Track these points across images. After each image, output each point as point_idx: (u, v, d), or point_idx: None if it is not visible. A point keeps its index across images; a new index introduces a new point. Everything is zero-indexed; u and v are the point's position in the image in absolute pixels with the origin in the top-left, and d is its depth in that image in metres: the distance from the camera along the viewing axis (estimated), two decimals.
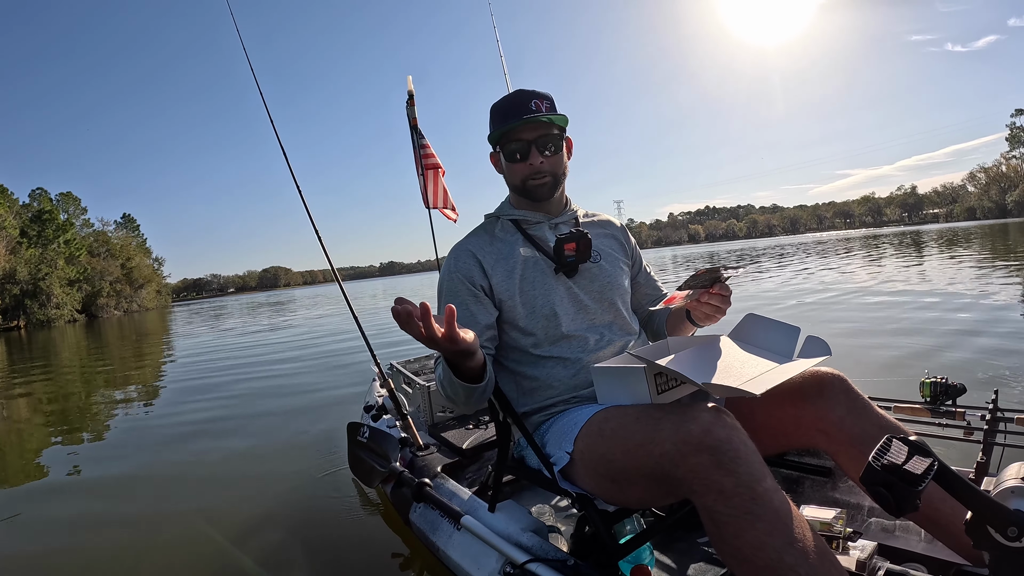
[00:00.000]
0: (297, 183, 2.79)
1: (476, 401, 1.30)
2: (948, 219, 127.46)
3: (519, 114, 1.44)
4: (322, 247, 2.81)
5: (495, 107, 1.51)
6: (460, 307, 1.44)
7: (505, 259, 1.50)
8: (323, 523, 2.52)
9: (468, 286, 1.47)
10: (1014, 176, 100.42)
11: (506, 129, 1.45)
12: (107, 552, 2.52)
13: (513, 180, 1.53)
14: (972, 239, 25.37)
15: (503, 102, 1.49)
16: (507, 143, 1.47)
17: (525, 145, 1.46)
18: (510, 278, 1.48)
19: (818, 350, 1.31)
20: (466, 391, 1.24)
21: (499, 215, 1.60)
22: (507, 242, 1.53)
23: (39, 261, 51.16)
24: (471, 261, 1.50)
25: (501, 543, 1.49)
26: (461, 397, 1.27)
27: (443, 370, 1.25)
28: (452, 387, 1.26)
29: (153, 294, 73.42)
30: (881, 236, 48.14)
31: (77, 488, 3.48)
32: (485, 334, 1.45)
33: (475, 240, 1.56)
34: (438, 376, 1.31)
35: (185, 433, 4.58)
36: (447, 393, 1.31)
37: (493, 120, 1.51)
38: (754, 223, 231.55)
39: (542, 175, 1.49)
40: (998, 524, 0.77)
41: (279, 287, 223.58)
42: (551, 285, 1.48)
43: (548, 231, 1.55)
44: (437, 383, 1.34)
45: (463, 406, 1.33)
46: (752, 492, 0.98)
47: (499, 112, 1.49)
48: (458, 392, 1.26)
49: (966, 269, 10.99)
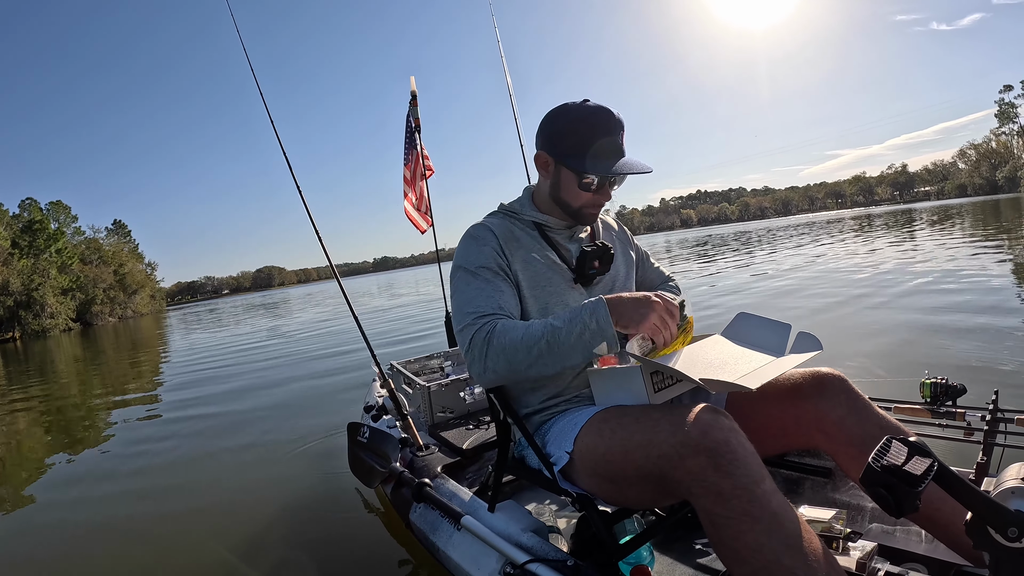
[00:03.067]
0: (296, 182, 2.79)
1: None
2: (939, 196, 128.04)
3: (617, 156, 1.39)
4: (322, 246, 2.80)
5: (584, 129, 1.38)
6: (495, 279, 1.39)
7: (525, 251, 1.46)
8: (323, 523, 2.52)
9: (498, 260, 1.42)
10: (1004, 152, 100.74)
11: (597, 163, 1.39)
12: (107, 554, 2.53)
13: (571, 201, 1.46)
14: (965, 216, 25.47)
15: (597, 128, 1.38)
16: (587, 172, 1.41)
17: (605, 179, 1.42)
18: (527, 270, 1.44)
19: (809, 345, 1.32)
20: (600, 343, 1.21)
21: (520, 213, 1.54)
22: (527, 239, 1.49)
23: (32, 271, 50.79)
24: (495, 240, 1.45)
25: (501, 543, 1.48)
26: (577, 353, 1.23)
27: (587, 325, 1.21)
28: (585, 340, 1.21)
29: (147, 299, 73.04)
30: (874, 215, 48.30)
31: (77, 495, 3.46)
32: (518, 311, 1.41)
33: (496, 223, 1.51)
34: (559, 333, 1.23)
35: (184, 435, 4.60)
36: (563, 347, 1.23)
37: (580, 142, 1.38)
38: (746, 206, 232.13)
39: (600, 207, 1.48)
40: (998, 524, 0.77)
41: (274, 287, 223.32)
42: (567, 291, 1.46)
43: (568, 239, 1.53)
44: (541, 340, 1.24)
45: (549, 367, 1.26)
46: (750, 494, 0.98)
47: (591, 139, 1.38)
48: (592, 344, 1.21)
49: (962, 252, 11.00)
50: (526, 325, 1.27)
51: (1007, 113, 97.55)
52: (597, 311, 1.21)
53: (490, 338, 1.27)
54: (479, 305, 1.34)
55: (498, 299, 1.36)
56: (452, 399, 2.67)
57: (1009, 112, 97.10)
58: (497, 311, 1.33)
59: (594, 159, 1.37)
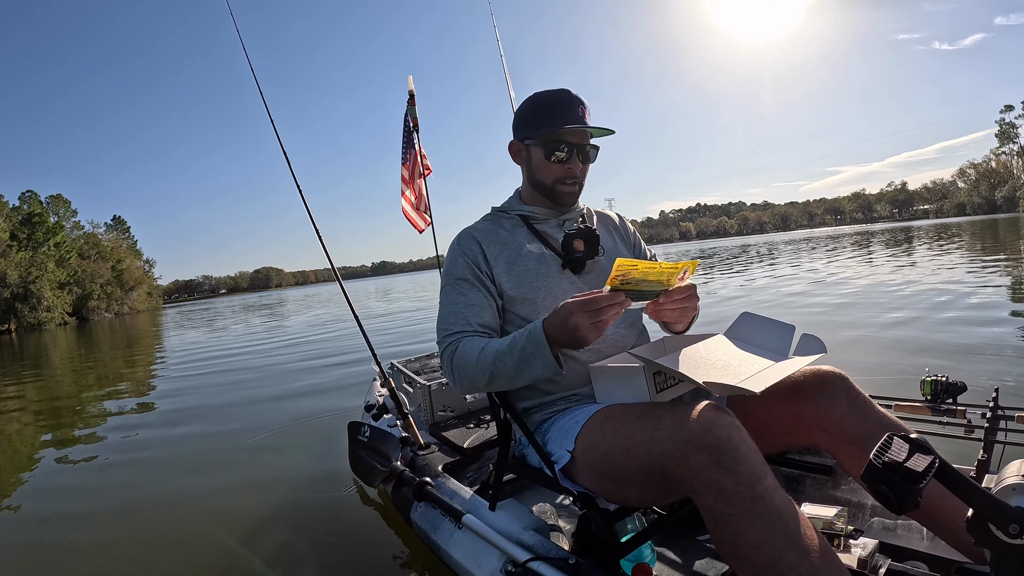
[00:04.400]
0: (297, 182, 2.80)
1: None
2: (938, 215, 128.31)
3: (570, 119, 1.43)
4: (323, 247, 2.81)
5: (540, 101, 1.47)
6: (470, 292, 1.44)
7: (510, 251, 1.49)
8: (324, 523, 2.51)
9: (475, 271, 1.46)
10: (1003, 172, 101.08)
11: (553, 129, 1.43)
12: (107, 552, 2.51)
13: (544, 178, 1.50)
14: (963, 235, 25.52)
15: (551, 99, 1.46)
16: (549, 141, 1.46)
17: (570, 149, 1.45)
18: (511, 270, 1.47)
19: (814, 348, 1.32)
20: (550, 370, 1.22)
21: (508, 209, 1.58)
22: (514, 235, 1.52)
23: (29, 264, 50.67)
24: (476, 247, 1.49)
25: (502, 542, 1.49)
26: (524, 376, 1.24)
27: (527, 349, 1.21)
28: (529, 366, 1.22)
29: (144, 296, 72.90)
30: (873, 232, 48.35)
31: (75, 491, 3.46)
32: (493, 320, 1.44)
33: (481, 228, 1.55)
34: (505, 357, 1.25)
35: (182, 435, 4.56)
36: (509, 368, 1.25)
37: (536, 114, 1.47)
38: (745, 220, 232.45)
39: (574, 181, 1.49)
40: (999, 521, 0.77)
41: (271, 288, 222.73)
42: (556, 280, 1.48)
43: (556, 227, 1.55)
44: (489, 364, 1.28)
45: (496, 385, 1.31)
46: (753, 491, 0.98)
47: (545, 108, 1.45)
48: (534, 371, 1.23)
49: (960, 267, 11.04)
50: (481, 347, 1.31)
51: (1007, 133, 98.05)
52: (535, 334, 1.21)
53: (452, 359, 1.35)
54: (449, 323, 1.41)
55: (467, 314, 1.41)
56: (453, 398, 2.68)
57: (1009, 132, 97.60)
58: (463, 328, 1.39)
59: (551, 123, 1.44)
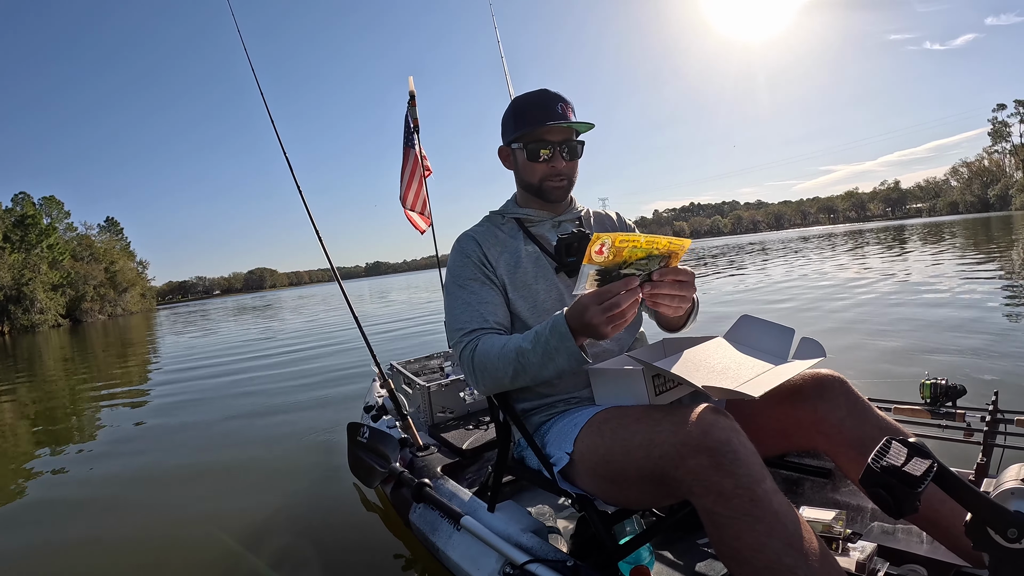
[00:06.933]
0: (297, 182, 2.80)
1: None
2: (931, 213, 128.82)
3: (548, 117, 1.44)
4: (323, 247, 2.82)
5: (519, 104, 1.49)
6: (482, 290, 1.44)
7: (509, 253, 1.50)
8: (322, 524, 2.51)
9: (483, 270, 1.47)
10: (996, 171, 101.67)
11: (534, 129, 1.45)
12: (108, 554, 2.50)
13: (530, 179, 1.51)
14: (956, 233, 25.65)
15: (529, 100, 1.48)
16: (531, 142, 1.47)
17: (552, 147, 1.46)
18: (513, 272, 1.48)
19: (813, 351, 1.32)
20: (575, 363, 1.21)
21: (503, 213, 1.59)
22: (511, 238, 1.54)
23: (22, 266, 50.37)
24: (478, 249, 1.50)
25: (501, 543, 1.49)
26: (549, 369, 1.24)
27: (550, 344, 1.21)
28: (554, 359, 1.22)
29: (138, 297, 72.46)
30: (866, 231, 48.52)
31: (71, 492, 3.44)
32: (506, 318, 1.45)
33: (480, 230, 1.56)
34: (527, 353, 1.25)
35: (181, 435, 4.55)
36: (534, 363, 1.25)
37: (516, 117, 1.49)
38: (739, 219, 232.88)
39: (561, 177, 1.50)
40: (998, 525, 0.77)
41: (265, 288, 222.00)
42: (553, 283, 1.49)
43: (551, 230, 1.56)
44: (510, 359, 1.28)
45: (523, 380, 1.29)
46: (751, 493, 0.98)
47: (524, 110, 1.48)
48: (559, 364, 1.22)
49: (952, 266, 11.10)
50: (503, 343, 1.31)
51: (1000, 132, 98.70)
52: (558, 327, 1.20)
53: (473, 357, 1.35)
54: (464, 322, 1.41)
55: (482, 311, 1.41)
56: (452, 399, 2.68)
57: (1002, 131, 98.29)
58: (481, 325, 1.39)
59: (530, 124, 1.45)
